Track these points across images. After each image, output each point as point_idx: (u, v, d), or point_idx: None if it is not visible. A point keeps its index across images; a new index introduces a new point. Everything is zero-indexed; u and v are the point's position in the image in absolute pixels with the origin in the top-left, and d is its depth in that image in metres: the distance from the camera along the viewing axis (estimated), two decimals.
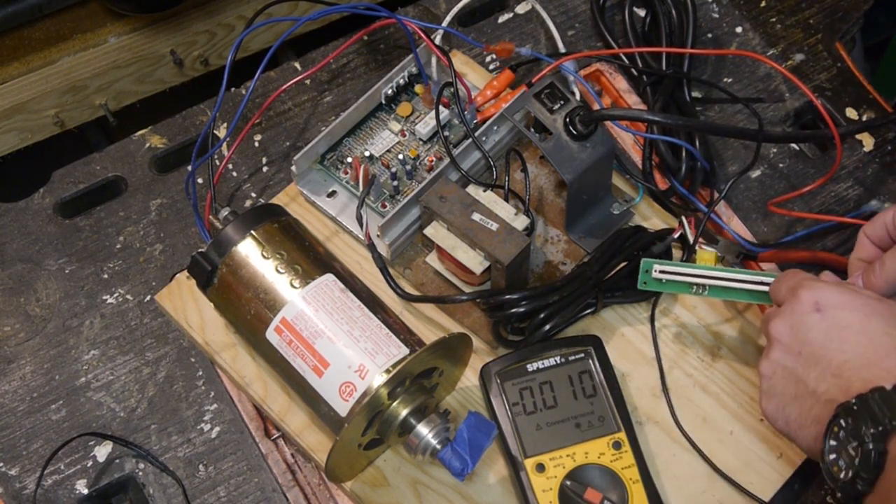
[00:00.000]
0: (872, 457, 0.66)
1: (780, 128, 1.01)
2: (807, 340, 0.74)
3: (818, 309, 0.74)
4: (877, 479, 0.67)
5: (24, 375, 0.91)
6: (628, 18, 1.03)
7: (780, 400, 0.76)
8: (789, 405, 0.75)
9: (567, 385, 0.83)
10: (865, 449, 0.67)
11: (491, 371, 0.83)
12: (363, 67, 1.05)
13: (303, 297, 0.79)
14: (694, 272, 0.83)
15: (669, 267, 0.83)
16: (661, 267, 0.83)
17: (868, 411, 0.67)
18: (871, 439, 0.66)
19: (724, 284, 0.83)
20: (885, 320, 0.73)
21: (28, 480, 0.87)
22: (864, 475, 0.67)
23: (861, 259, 0.83)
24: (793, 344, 0.75)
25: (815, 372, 0.73)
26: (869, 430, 0.67)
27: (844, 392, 0.70)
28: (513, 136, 0.95)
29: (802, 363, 0.74)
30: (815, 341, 0.74)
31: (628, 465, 0.80)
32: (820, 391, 0.72)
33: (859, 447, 0.67)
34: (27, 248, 0.97)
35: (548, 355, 0.84)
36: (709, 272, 0.83)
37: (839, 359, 0.72)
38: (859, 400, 0.68)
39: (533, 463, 0.80)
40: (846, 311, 0.74)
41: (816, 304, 0.75)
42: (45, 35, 1.08)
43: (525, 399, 0.82)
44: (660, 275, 0.83)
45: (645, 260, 0.84)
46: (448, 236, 0.85)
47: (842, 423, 0.69)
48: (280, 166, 1.00)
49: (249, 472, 0.87)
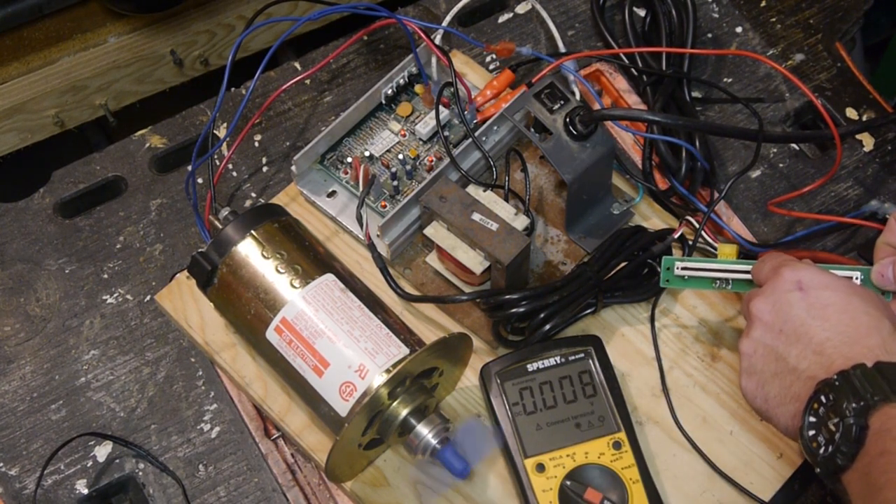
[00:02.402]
0: (854, 431, 0.67)
1: (780, 128, 1.01)
2: (788, 318, 0.75)
3: (800, 288, 0.75)
4: (857, 454, 0.67)
5: (24, 375, 0.91)
6: (628, 18, 1.03)
7: (759, 378, 0.77)
8: (769, 383, 0.76)
9: (567, 385, 0.83)
10: (846, 423, 0.67)
11: (491, 371, 0.83)
12: (363, 67, 1.05)
13: (303, 296, 0.79)
14: (717, 267, 0.83)
15: (692, 263, 0.83)
16: (683, 264, 0.83)
17: (850, 386, 0.68)
18: (852, 413, 0.67)
19: (748, 278, 0.83)
20: (865, 301, 0.74)
21: (28, 480, 0.87)
22: (843, 449, 0.67)
23: (889, 244, 0.83)
24: (774, 322, 0.76)
25: (796, 349, 0.74)
26: (850, 405, 0.67)
27: (826, 369, 0.71)
28: (513, 136, 0.95)
29: (784, 340, 0.75)
30: (797, 319, 0.75)
31: (628, 465, 0.80)
32: (801, 368, 0.73)
33: (840, 422, 0.68)
34: (27, 248, 0.97)
35: (548, 355, 0.84)
36: (732, 266, 0.83)
37: (821, 336, 0.73)
38: (841, 376, 0.69)
39: (533, 463, 0.80)
40: (828, 290, 0.75)
41: (799, 282, 0.76)
42: (45, 35, 1.08)
43: (525, 399, 0.82)
44: (682, 272, 0.83)
45: (666, 258, 0.84)
46: (448, 236, 0.85)
47: (822, 400, 0.70)
48: (280, 166, 1.00)
49: (249, 472, 0.87)
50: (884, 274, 0.80)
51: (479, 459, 0.81)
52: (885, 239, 0.83)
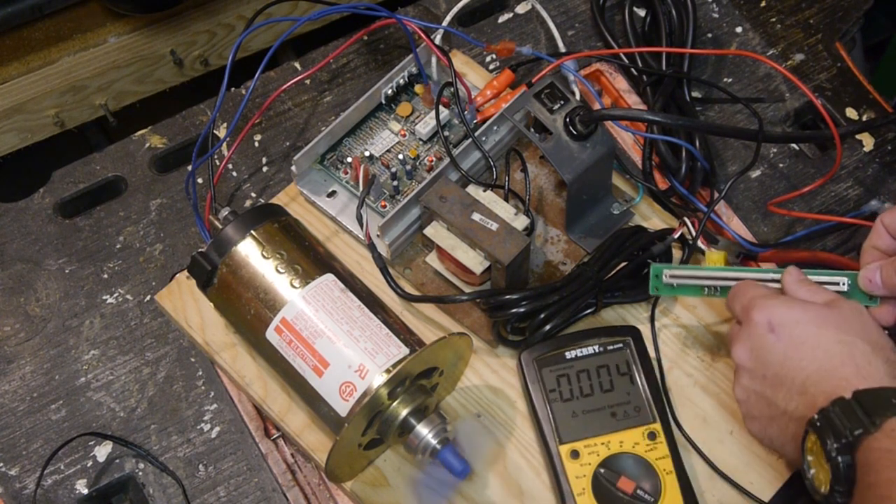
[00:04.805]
0: (842, 470, 0.68)
1: (780, 128, 1.01)
2: (768, 363, 0.76)
3: (772, 329, 0.76)
4: (852, 489, 0.68)
5: (24, 375, 0.91)
6: (628, 18, 1.03)
7: (759, 422, 0.78)
8: (768, 426, 0.77)
9: (605, 374, 0.83)
10: (835, 463, 0.68)
11: (529, 357, 0.84)
12: (363, 67, 1.05)
13: (303, 296, 0.79)
14: (705, 274, 0.83)
15: (680, 271, 0.83)
16: (671, 272, 0.83)
17: (830, 426, 0.69)
18: (837, 453, 0.68)
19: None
20: (836, 328, 0.75)
21: (28, 480, 0.87)
22: (839, 488, 0.68)
23: (875, 247, 0.82)
24: (756, 368, 0.77)
25: (781, 392, 0.75)
26: (834, 445, 0.68)
27: (811, 408, 0.72)
28: (513, 136, 0.95)
29: (769, 385, 0.76)
30: (776, 362, 0.75)
31: (662, 456, 0.80)
32: (790, 410, 0.74)
33: (828, 462, 0.69)
34: (27, 248, 0.97)
35: (586, 344, 0.84)
36: (720, 273, 0.83)
37: (801, 376, 0.74)
38: (822, 415, 0.70)
39: (568, 449, 0.81)
40: (799, 326, 0.75)
41: (769, 324, 0.76)
42: (45, 35, 1.08)
43: (562, 386, 0.83)
44: (671, 280, 0.83)
45: (654, 265, 0.84)
46: (448, 236, 0.85)
47: (813, 439, 0.71)
48: (280, 166, 1.00)
49: (249, 472, 0.87)
50: (871, 279, 0.80)
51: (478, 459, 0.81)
52: (871, 243, 0.83)
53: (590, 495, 0.79)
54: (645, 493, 0.79)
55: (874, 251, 0.82)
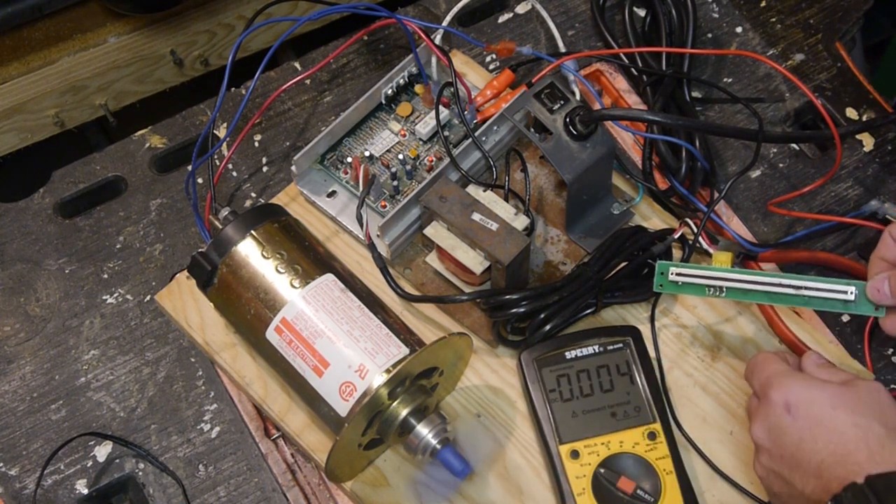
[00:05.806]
0: None
1: (780, 128, 1.01)
2: (784, 444, 0.75)
3: (788, 409, 0.75)
4: None
5: (24, 375, 0.91)
6: (628, 18, 1.03)
7: (781, 499, 0.77)
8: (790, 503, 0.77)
9: (605, 374, 0.84)
10: None
11: (529, 357, 0.84)
12: (363, 67, 1.05)
13: (303, 296, 0.79)
14: (711, 274, 0.83)
15: (686, 269, 0.83)
16: (677, 270, 0.83)
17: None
18: None
19: (742, 287, 0.82)
20: (851, 410, 0.74)
21: (28, 480, 0.87)
22: None
23: (883, 258, 0.82)
24: (773, 448, 0.76)
25: (798, 474, 0.75)
26: None
27: (826, 492, 0.72)
28: (513, 136, 0.95)
29: (786, 466, 0.75)
30: (792, 444, 0.75)
31: (662, 456, 0.81)
32: (807, 492, 0.74)
33: None
34: (27, 248, 0.97)
35: (586, 344, 0.84)
36: (726, 274, 0.83)
37: (815, 459, 0.73)
38: (835, 502, 0.70)
39: (568, 449, 0.81)
40: (815, 407, 0.75)
41: (786, 404, 0.76)
42: (45, 35, 1.08)
43: (562, 386, 0.83)
44: (676, 277, 0.83)
45: (660, 262, 0.84)
46: (448, 236, 0.85)
47: None
48: (280, 166, 1.00)
49: (249, 472, 0.87)
50: (879, 289, 0.80)
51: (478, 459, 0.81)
52: (879, 253, 0.82)
53: (590, 495, 0.79)
54: (645, 493, 0.79)
55: (882, 262, 0.82)
